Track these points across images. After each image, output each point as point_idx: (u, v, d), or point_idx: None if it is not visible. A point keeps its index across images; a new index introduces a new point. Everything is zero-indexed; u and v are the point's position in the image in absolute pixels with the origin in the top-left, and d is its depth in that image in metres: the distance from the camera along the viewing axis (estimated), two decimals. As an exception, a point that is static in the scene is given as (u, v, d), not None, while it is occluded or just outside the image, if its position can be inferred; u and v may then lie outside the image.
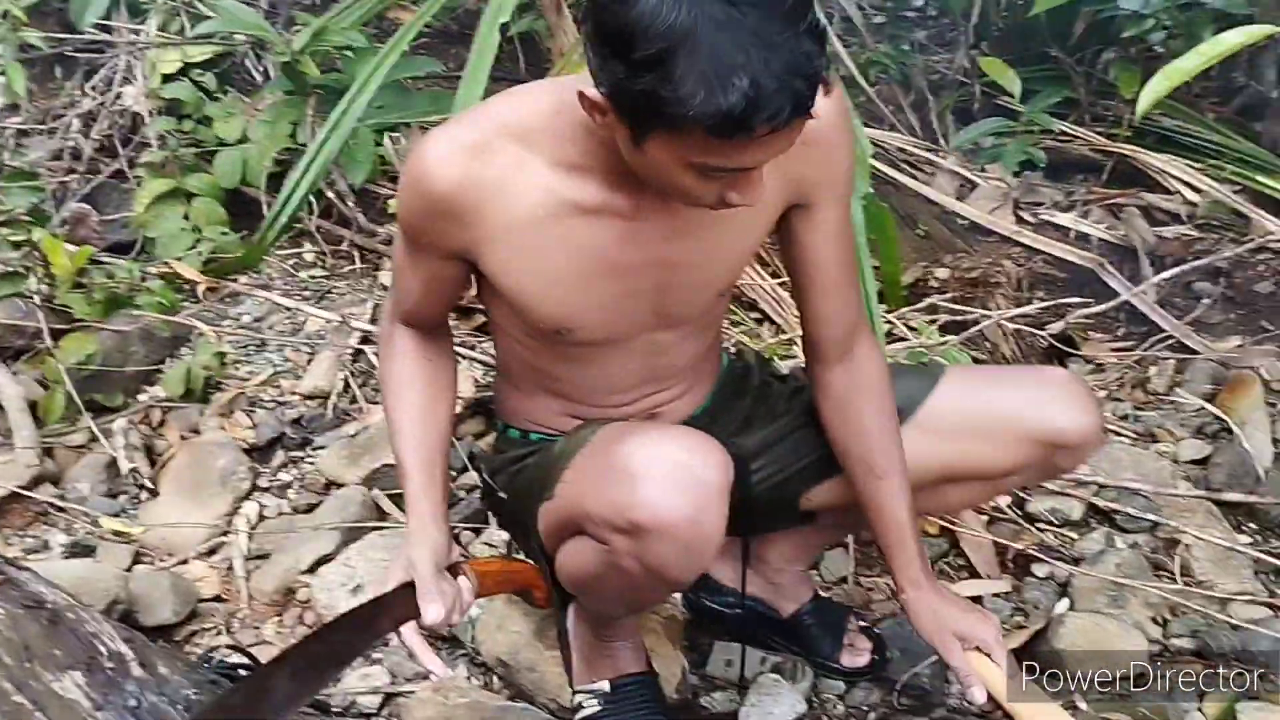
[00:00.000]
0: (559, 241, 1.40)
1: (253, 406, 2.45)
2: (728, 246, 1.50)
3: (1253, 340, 2.84)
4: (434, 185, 1.37)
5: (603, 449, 1.43)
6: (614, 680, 1.72)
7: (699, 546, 1.35)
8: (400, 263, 1.53)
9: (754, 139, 1.17)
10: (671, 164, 1.23)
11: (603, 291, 1.45)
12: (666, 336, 1.56)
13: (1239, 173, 3.17)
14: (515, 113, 1.38)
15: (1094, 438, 1.62)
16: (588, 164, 1.36)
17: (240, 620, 2.02)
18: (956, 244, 3.10)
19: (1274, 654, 1.97)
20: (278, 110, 2.93)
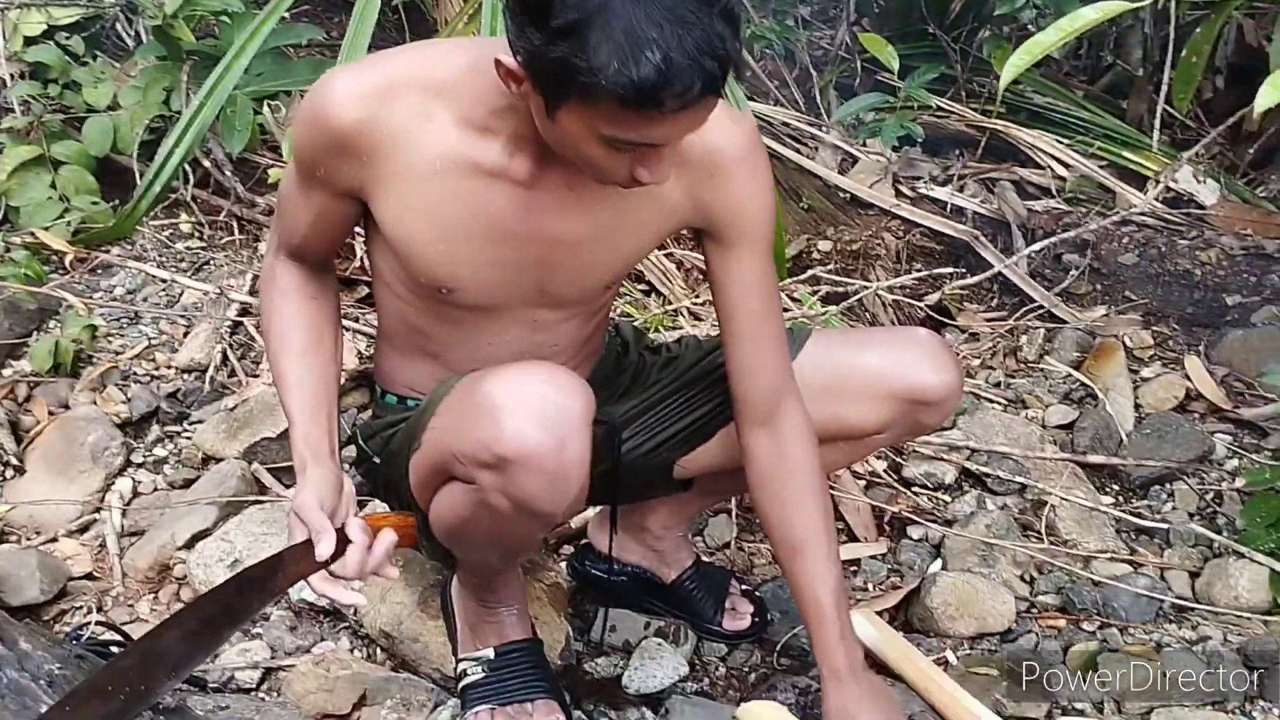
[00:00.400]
0: (452, 197, 1.41)
1: (126, 381, 2.38)
2: (619, 239, 1.51)
3: (1117, 310, 2.96)
4: (334, 121, 1.36)
5: (465, 392, 1.44)
6: (498, 647, 1.73)
7: (565, 476, 1.36)
8: (289, 194, 1.50)
9: (664, 114, 1.19)
10: (583, 135, 1.25)
11: (487, 255, 1.45)
12: (548, 315, 1.56)
13: (1105, 148, 3.29)
14: (428, 64, 1.39)
15: (954, 393, 1.67)
16: (494, 127, 1.37)
17: (114, 598, 1.97)
18: (839, 217, 3.16)
19: (1132, 608, 2.07)
20: (150, 76, 2.84)
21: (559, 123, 1.25)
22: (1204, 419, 2.59)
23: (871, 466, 2.36)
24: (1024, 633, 2.02)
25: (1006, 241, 3.12)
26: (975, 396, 2.65)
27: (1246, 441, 2.52)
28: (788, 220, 3.03)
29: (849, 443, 1.72)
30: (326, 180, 1.44)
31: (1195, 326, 2.89)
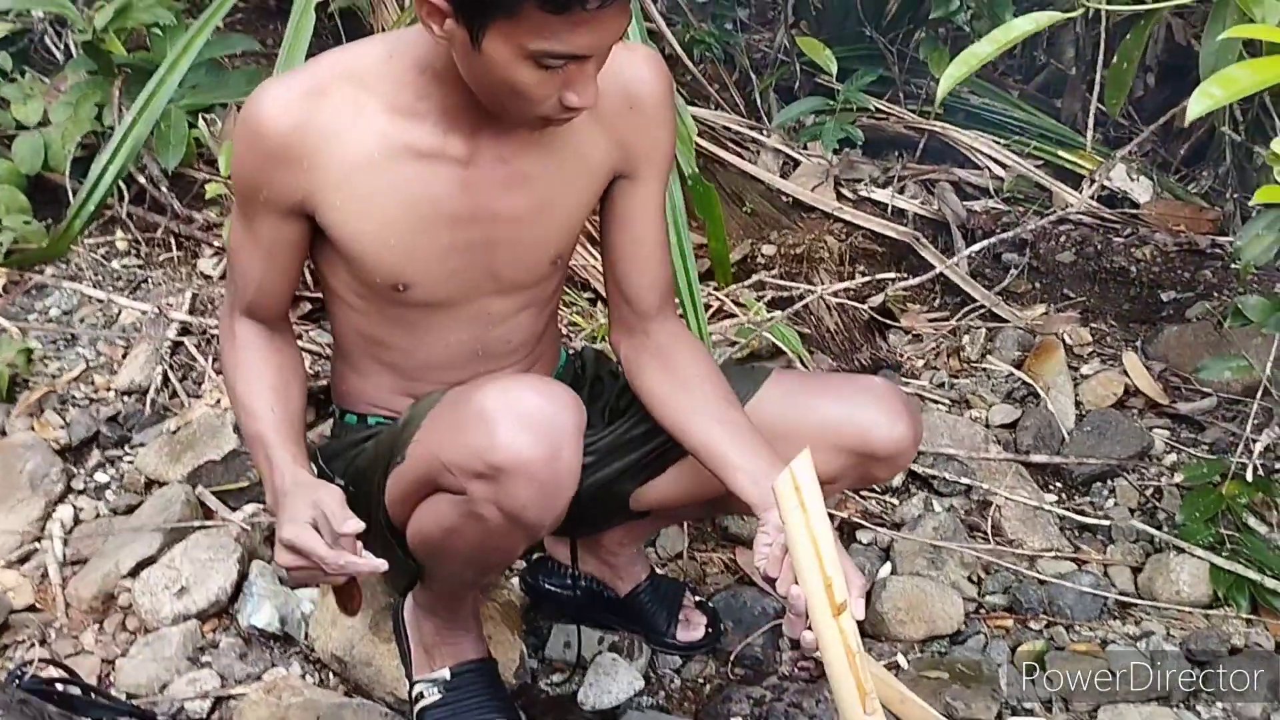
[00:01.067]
0: (394, 187, 1.42)
1: (64, 405, 2.33)
2: (559, 205, 1.53)
3: (1056, 308, 3.00)
4: (269, 131, 1.38)
5: (454, 403, 1.45)
6: (454, 668, 1.73)
7: (556, 485, 1.38)
8: (237, 243, 1.52)
9: (587, 13, 1.22)
10: (510, 60, 1.26)
11: (436, 242, 1.46)
12: (500, 305, 1.56)
13: (1041, 148, 3.33)
14: (348, 58, 1.42)
15: (908, 449, 1.63)
16: (423, 107, 1.40)
17: (57, 630, 1.94)
18: (782, 221, 3.17)
19: (1077, 606, 2.11)
20: (81, 91, 2.78)
21: (485, 54, 1.27)
22: (1143, 415, 2.63)
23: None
24: (973, 634, 2.05)
25: (947, 242, 3.15)
26: (920, 398, 2.67)
27: (1184, 436, 2.57)
28: (731, 225, 3.04)
29: None
30: (270, 201, 1.43)
31: (1132, 323, 2.94)
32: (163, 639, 1.87)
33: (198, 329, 2.48)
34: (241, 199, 1.47)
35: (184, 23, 2.77)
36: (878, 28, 3.61)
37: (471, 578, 1.68)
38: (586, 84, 1.32)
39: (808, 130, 3.32)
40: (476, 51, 1.28)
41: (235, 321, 1.56)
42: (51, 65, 3.08)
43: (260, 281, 1.52)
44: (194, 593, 1.92)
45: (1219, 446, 2.50)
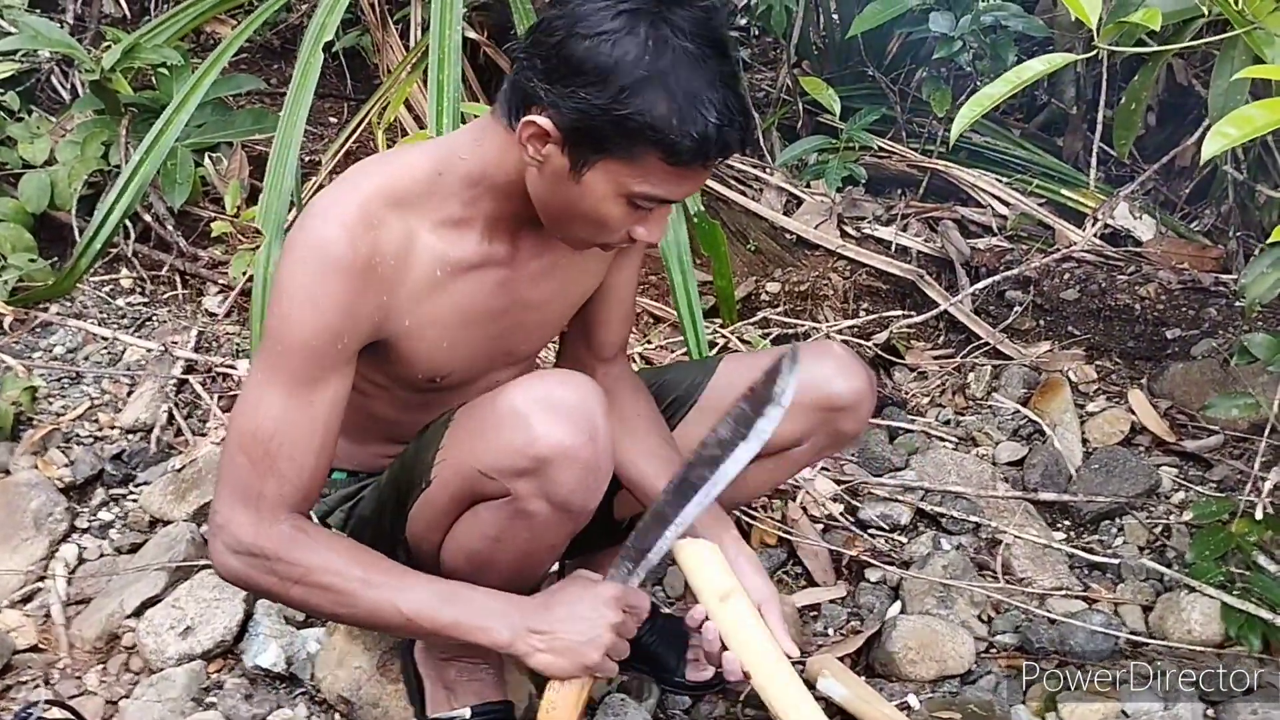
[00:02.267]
0: (450, 301, 1.45)
1: (68, 443, 2.32)
2: (577, 285, 1.60)
3: (1061, 345, 3.00)
4: (352, 260, 1.34)
5: (476, 414, 1.46)
6: (476, 707, 1.71)
7: (598, 465, 1.41)
8: (279, 421, 1.36)
9: (702, 169, 1.33)
10: (606, 194, 1.33)
11: (479, 337, 1.51)
12: (508, 374, 1.61)
13: (1043, 186, 3.35)
14: (391, 180, 1.40)
15: (866, 397, 1.73)
16: (469, 216, 1.43)
17: (61, 671, 1.92)
18: (786, 258, 3.19)
19: (1089, 645, 2.09)
20: (88, 130, 2.80)
21: (583, 183, 1.33)
22: (1149, 452, 2.63)
23: (828, 510, 2.37)
24: (984, 674, 2.03)
25: (951, 279, 3.16)
26: (926, 435, 2.67)
27: (1191, 474, 2.56)
28: (736, 262, 3.05)
29: (772, 459, 1.74)
30: (350, 346, 1.38)
31: (1137, 360, 2.94)
32: (167, 680, 1.85)
33: (203, 366, 2.47)
34: (303, 360, 1.36)
35: (191, 63, 2.79)
36: (880, 67, 3.64)
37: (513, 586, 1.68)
38: (660, 223, 1.39)
39: (811, 169, 3.33)
40: (573, 181, 1.33)
41: (275, 525, 1.38)
42: (58, 104, 3.10)
43: (316, 464, 1.40)
44: (199, 633, 1.90)
45: (1227, 484, 2.49)
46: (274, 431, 1.37)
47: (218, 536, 1.40)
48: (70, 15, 3.37)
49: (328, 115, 3.53)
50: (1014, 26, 3.00)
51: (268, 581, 1.40)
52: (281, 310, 1.36)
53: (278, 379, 1.36)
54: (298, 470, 1.38)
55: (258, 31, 3.51)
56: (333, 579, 1.39)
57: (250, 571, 1.39)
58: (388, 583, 1.41)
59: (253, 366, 1.41)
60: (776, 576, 2.23)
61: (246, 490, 1.38)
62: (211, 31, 3.59)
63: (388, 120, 2.76)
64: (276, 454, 1.37)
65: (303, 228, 1.37)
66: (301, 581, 1.39)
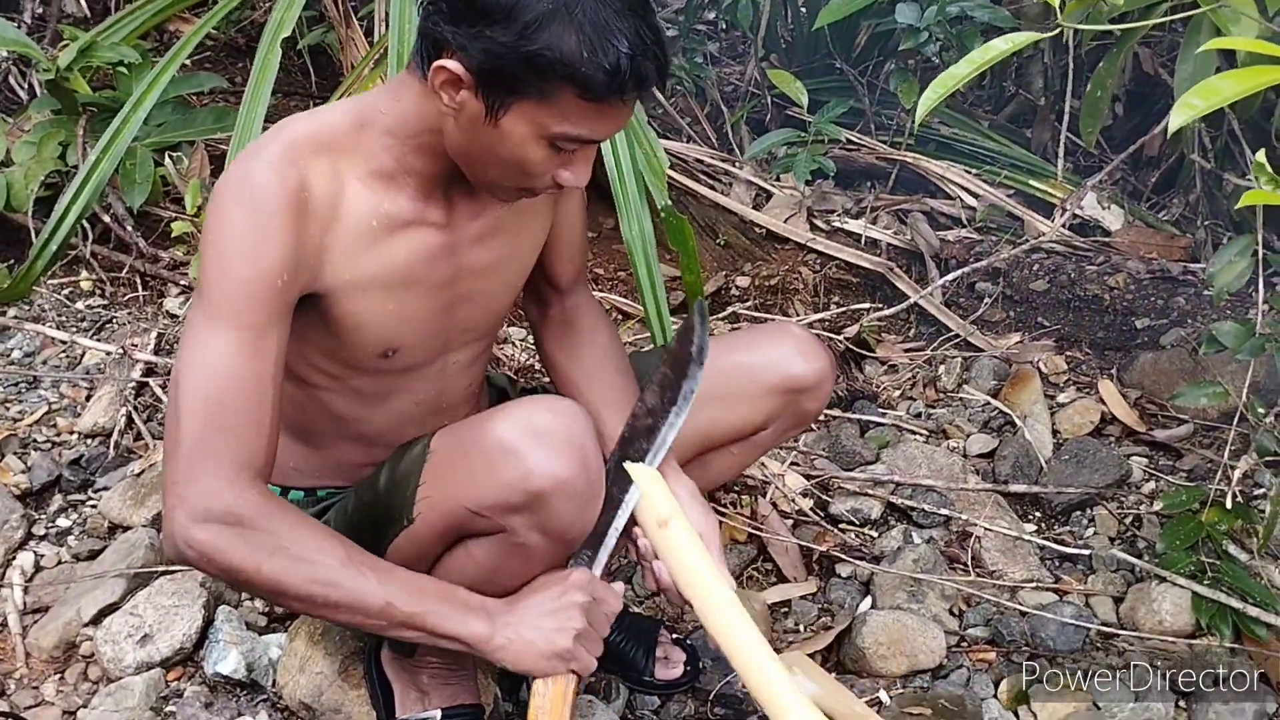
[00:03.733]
0: (389, 256, 1.40)
1: (25, 449, 2.28)
2: (523, 249, 1.57)
3: (1031, 336, 3.00)
4: (280, 191, 1.28)
5: (458, 449, 1.42)
6: (446, 709, 1.69)
7: (591, 495, 1.40)
8: (231, 377, 1.26)
9: (620, 103, 1.27)
10: (525, 138, 1.29)
11: (425, 306, 1.46)
12: (463, 354, 1.58)
13: (1012, 177, 3.34)
14: (314, 128, 1.36)
15: (828, 377, 1.74)
16: (400, 172, 1.39)
17: (17, 681, 1.88)
18: (755, 252, 3.17)
19: (1060, 637, 2.08)
20: (45, 130, 2.75)
21: (500, 129, 1.28)
22: (1120, 442, 2.62)
23: (798, 505, 2.35)
24: (955, 668, 2.02)
25: (921, 272, 3.15)
26: (898, 429, 2.65)
27: (1162, 463, 2.56)
28: (704, 257, 3.03)
29: (738, 444, 1.76)
30: (292, 283, 1.31)
31: (1107, 350, 2.94)
32: (126, 689, 1.81)
33: (163, 369, 2.43)
34: (245, 304, 1.27)
35: (150, 61, 2.74)
36: (848, 60, 3.63)
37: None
38: (584, 165, 1.35)
39: (780, 162, 3.32)
40: (490, 125, 1.29)
41: (247, 490, 1.26)
42: (15, 105, 3.05)
43: (271, 420, 1.30)
44: (158, 640, 1.87)
45: (1197, 473, 2.49)
46: (224, 385, 1.26)
47: (178, 509, 1.24)
48: (29, 15, 3.33)
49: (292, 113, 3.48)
50: (980, 17, 3.00)
51: (239, 553, 1.25)
52: (215, 255, 1.27)
53: (219, 329, 1.26)
54: (255, 425, 1.27)
55: (221, 29, 3.48)
56: (314, 554, 1.29)
57: (218, 541, 1.24)
58: (368, 565, 1.32)
59: (190, 322, 1.30)
60: (746, 573, 2.21)
61: (204, 452, 1.24)
62: (175, 30, 3.55)
63: (350, 117, 2.72)
64: (231, 408, 1.26)
65: (226, 177, 1.32)
66: (277, 553, 1.26)
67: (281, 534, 1.27)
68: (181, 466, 1.25)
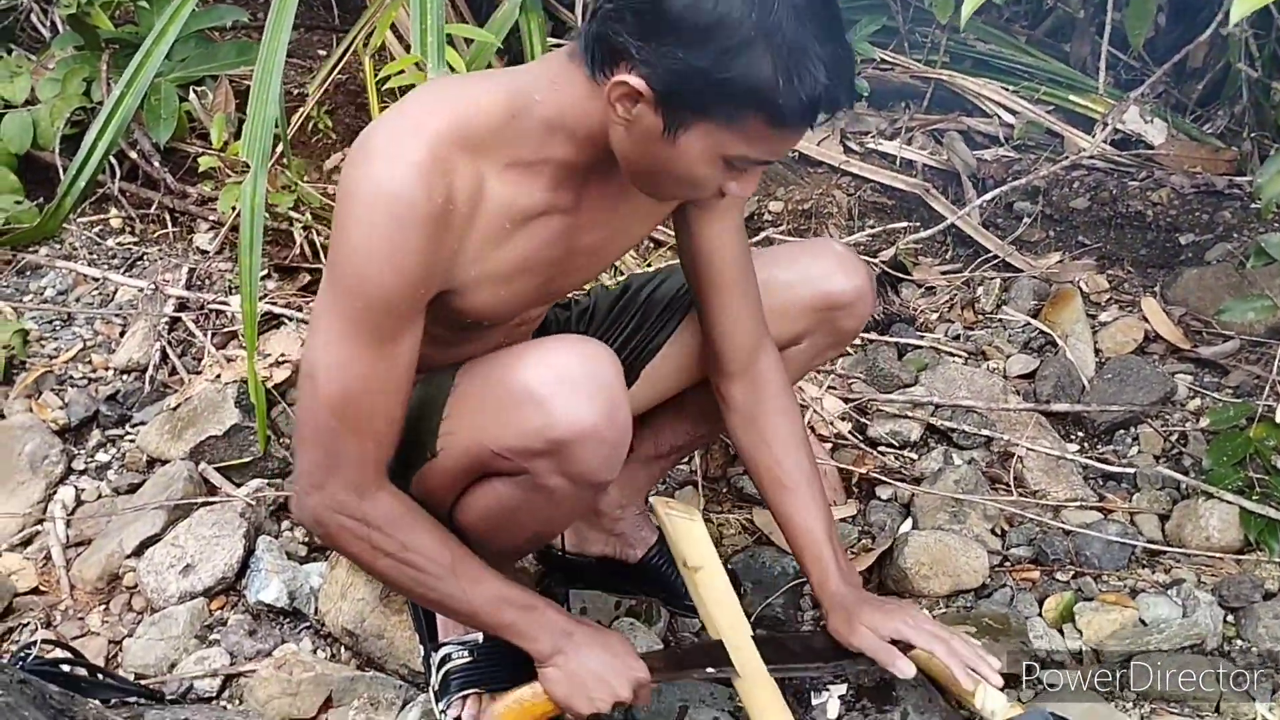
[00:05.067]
0: (510, 251, 1.37)
1: (62, 385, 2.29)
2: (632, 230, 1.53)
3: (1071, 255, 2.93)
4: (426, 204, 1.24)
5: (487, 385, 1.41)
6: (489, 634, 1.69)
7: (618, 441, 1.38)
8: (367, 382, 1.31)
9: (805, 129, 1.24)
10: (702, 156, 1.24)
11: (530, 285, 1.44)
12: (536, 312, 1.58)
13: (1051, 93, 3.25)
14: (463, 120, 1.29)
15: (866, 294, 1.71)
16: (539, 160, 1.33)
17: (63, 612, 1.90)
18: (788, 176, 3.11)
19: (1105, 555, 2.05)
20: (68, 67, 2.73)
21: (678, 144, 1.23)
22: (1164, 360, 2.57)
23: (837, 428, 2.32)
24: (999, 587, 2.00)
25: (957, 193, 3.09)
26: (936, 351, 2.62)
27: (1207, 380, 2.51)
28: (737, 182, 2.98)
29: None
30: (427, 291, 1.31)
31: (1150, 268, 2.87)
32: (170, 618, 1.83)
33: (195, 304, 2.43)
34: (384, 316, 1.29)
35: (171, -6, 2.70)
36: (880, -24, 3.52)
37: (531, 547, 1.67)
38: (754, 180, 1.32)
39: (811, 83, 3.24)
40: (666, 142, 1.23)
41: (378, 494, 1.38)
42: (38, 42, 3.03)
43: (401, 416, 1.36)
44: (200, 570, 1.88)
45: (1244, 390, 2.44)
46: (364, 391, 1.31)
47: (312, 495, 1.37)
48: (47, -49, 3.28)
49: (315, 47, 3.44)
50: (1019, -74, 2.90)
51: (357, 547, 1.40)
52: (354, 260, 1.26)
53: (360, 337, 1.29)
54: (390, 429, 1.36)
55: (240, -39, 3.42)
56: (424, 562, 1.40)
57: (344, 534, 1.38)
58: (468, 575, 1.43)
59: (323, 320, 1.31)
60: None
61: (343, 454, 1.34)
62: (194, -36, 3.49)
63: (374, 46, 2.67)
64: (371, 413, 1.33)
65: (368, 173, 1.25)
66: (393, 556, 1.39)
67: (400, 539, 1.39)
68: (319, 465, 1.35)
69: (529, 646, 1.47)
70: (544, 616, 1.47)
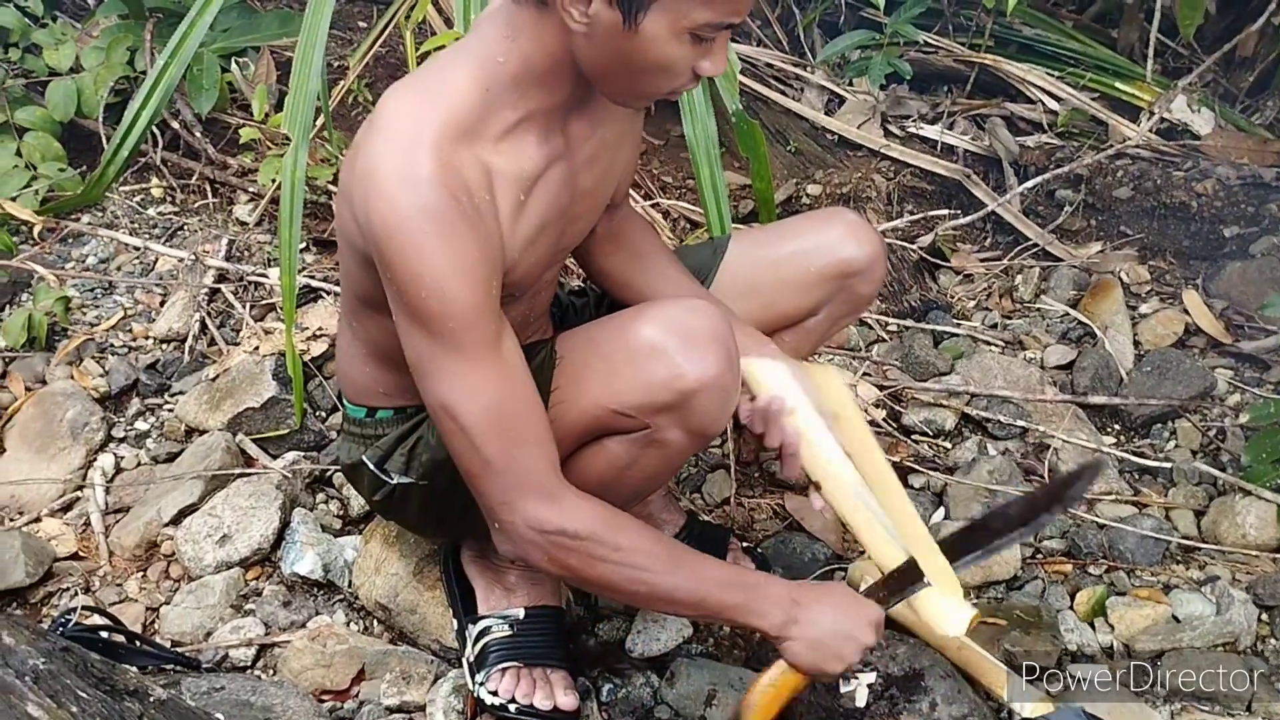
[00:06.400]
0: (532, 213, 1.39)
1: (103, 353, 2.31)
2: (619, 165, 1.55)
3: (1113, 245, 2.90)
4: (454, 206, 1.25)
5: (595, 350, 1.43)
6: (529, 608, 1.71)
7: (735, 390, 1.42)
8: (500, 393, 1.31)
9: None
10: (667, 35, 1.25)
11: (547, 244, 1.45)
12: (551, 274, 1.58)
13: (1097, 79, 3.21)
14: (446, 116, 1.29)
15: (878, 259, 1.72)
16: (521, 118, 1.35)
17: (101, 578, 1.93)
18: (827, 159, 3.09)
19: (1139, 550, 2.04)
20: (112, 36, 2.74)
21: (640, 33, 1.25)
22: (1204, 354, 2.55)
23: (871, 415, 2.31)
24: (1030, 579, 1.99)
25: (998, 179, 3.06)
26: (972, 339, 2.60)
27: (1248, 375, 2.48)
28: (775, 164, 2.96)
29: (790, 332, 1.75)
30: (498, 282, 1.33)
31: (1193, 260, 2.84)
32: (206, 587, 1.85)
33: (234, 275, 2.44)
34: (479, 325, 1.29)
35: (214, -36, 2.70)
36: (925, -43, 3.48)
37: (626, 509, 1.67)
38: (722, 52, 1.31)
39: (854, 66, 3.22)
40: (629, 32, 1.25)
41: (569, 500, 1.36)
42: (83, 10, 3.04)
43: (543, 409, 1.37)
44: (236, 540, 1.90)
45: (1285, 386, 2.41)
46: (505, 400, 1.32)
47: (510, 533, 1.36)
48: (93, -81, 3.29)
49: (356, 19, 3.44)
50: (1068, -91, 2.85)
51: (571, 559, 1.37)
52: (427, 289, 1.26)
53: (472, 355, 1.29)
54: (540, 423, 1.35)
55: (283, -68, 3.42)
56: (645, 560, 1.38)
57: (555, 552, 1.36)
58: (688, 563, 1.42)
59: (428, 360, 1.31)
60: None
61: (522, 475, 1.33)
62: (237, -67, 3.50)
63: (415, 20, 2.67)
64: (524, 424, 1.33)
65: (394, 204, 1.24)
66: (608, 560, 1.37)
67: (618, 543, 1.37)
68: (505, 498, 1.35)
69: (760, 624, 1.44)
70: (768, 590, 1.44)
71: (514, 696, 1.63)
